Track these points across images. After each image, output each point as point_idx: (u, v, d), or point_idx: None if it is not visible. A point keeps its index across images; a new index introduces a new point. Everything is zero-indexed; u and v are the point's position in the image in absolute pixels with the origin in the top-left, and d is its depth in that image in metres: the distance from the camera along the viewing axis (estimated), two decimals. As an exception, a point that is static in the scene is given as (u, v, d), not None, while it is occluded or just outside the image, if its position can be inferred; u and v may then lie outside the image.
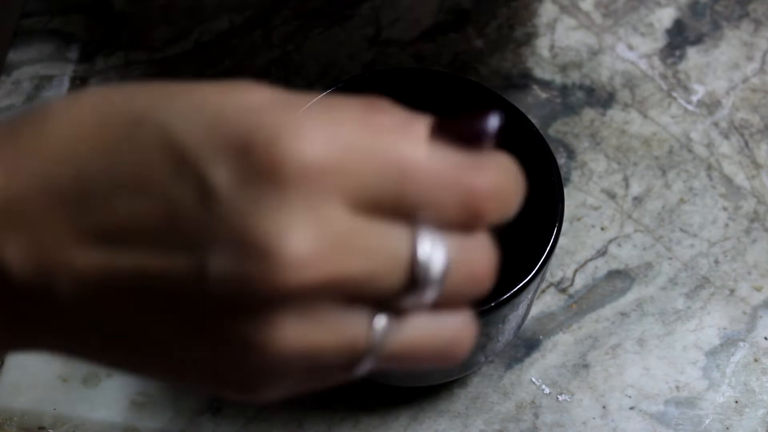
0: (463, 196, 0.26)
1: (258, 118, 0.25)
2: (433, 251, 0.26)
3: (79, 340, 0.27)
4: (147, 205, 0.25)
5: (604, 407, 0.52)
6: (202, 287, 0.24)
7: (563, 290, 0.55)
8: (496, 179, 0.27)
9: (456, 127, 0.27)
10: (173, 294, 0.25)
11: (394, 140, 0.26)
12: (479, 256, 0.27)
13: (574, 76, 0.63)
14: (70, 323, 0.27)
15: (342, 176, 0.25)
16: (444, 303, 0.27)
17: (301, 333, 0.25)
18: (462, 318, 0.28)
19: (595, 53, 0.64)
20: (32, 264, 0.26)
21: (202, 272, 0.24)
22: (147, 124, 0.25)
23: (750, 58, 0.64)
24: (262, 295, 0.24)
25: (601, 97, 0.62)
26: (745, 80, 0.63)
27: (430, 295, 0.26)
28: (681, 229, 0.57)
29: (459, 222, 0.26)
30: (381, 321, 0.26)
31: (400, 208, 0.26)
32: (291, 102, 0.26)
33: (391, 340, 0.26)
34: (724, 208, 0.58)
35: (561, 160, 0.59)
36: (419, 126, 0.27)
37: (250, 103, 0.26)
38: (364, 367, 0.27)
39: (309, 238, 0.24)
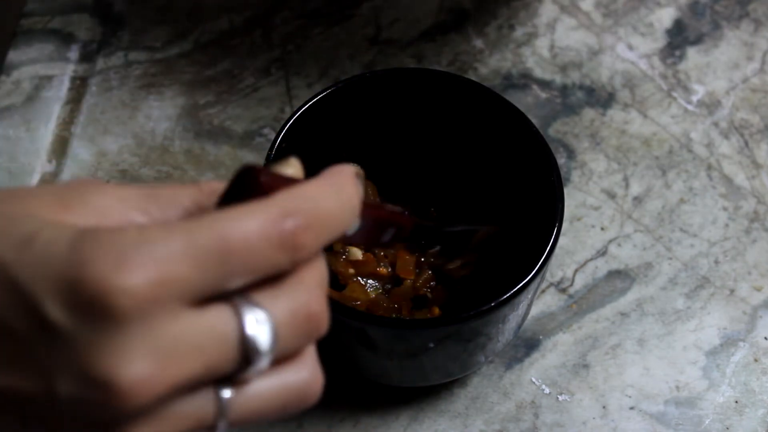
0: (277, 242, 0.28)
1: (86, 254, 0.26)
2: (259, 327, 0.28)
3: None
4: None
5: (604, 407, 0.52)
6: (54, 405, 0.27)
7: (563, 290, 0.55)
8: (302, 210, 0.28)
9: (235, 192, 0.29)
10: (27, 406, 0.27)
11: (203, 228, 0.27)
12: (307, 300, 0.29)
13: (574, 76, 0.63)
14: None
15: (167, 290, 0.26)
16: (284, 358, 0.29)
17: (153, 430, 0.27)
18: (305, 365, 0.30)
19: (595, 53, 0.64)
20: None
21: (51, 394, 0.27)
22: None
23: (750, 58, 0.64)
24: (108, 417, 0.27)
25: (601, 97, 0.62)
26: (745, 80, 0.63)
27: (265, 362, 0.28)
28: (681, 229, 0.57)
29: (286, 264, 0.28)
30: (224, 394, 0.28)
31: (228, 286, 0.27)
32: (109, 211, 0.29)
33: (238, 407, 0.29)
34: (724, 208, 0.58)
35: (561, 160, 0.59)
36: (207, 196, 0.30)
37: (69, 228, 0.27)
38: (221, 427, 0.29)
39: (141, 362, 0.26)
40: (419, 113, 0.52)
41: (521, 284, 0.44)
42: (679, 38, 0.65)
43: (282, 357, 0.29)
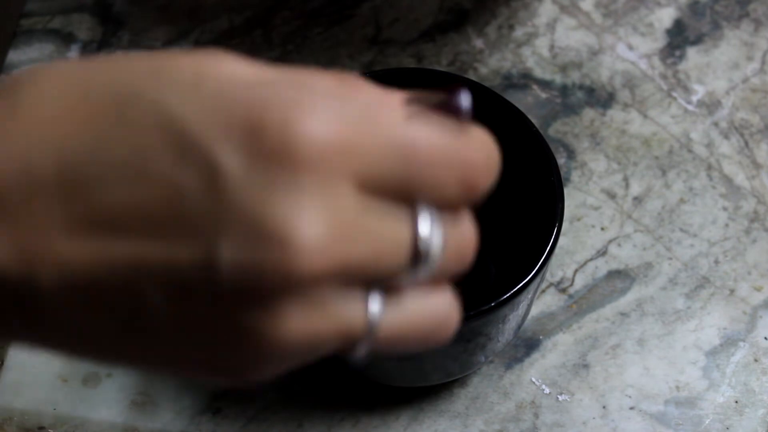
0: (462, 172, 0.26)
1: (266, 95, 0.24)
2: (433, 231, 0.26)
3: (69, 336, 0.26)
4: (146, 192, 0.23)
5: (604, 407, 0.52)
6: (210, 277, 0.23)
7: (563, 290, 0.55)
8: (486, 151, 0.27)
9: (436, 101, 0.27)
10: (176, 284, 0.24)
11: (396, 119, 0.26)
12: (465, 233, 0.27)
13: (574, 76, 0.63)
14: (58, 319, 0.25)
15: (352, 157, 0.24)
16: (432, 281, 0.27)
17: (304, 322, 0.24)
18: (447, 295, 0.28)
19: (595, 53, 0.64)
20: (14, 258, 0.24)
21: (210, 261, 0.23)
22: (140, 102, 0.24)
23: (750, 58, 0.64)
24: (273, 283, 0.23)
25: (601, 97, 0.62)
26: (745, 80, 0.63)
27: (426, 273, 0.26)
28: (681, 229, 0.57)
29: (455, 197, 0.26)
30: (377, 304, 0.26)
31: (405, 188, 0.25)
32: (288, 76, 0.26)
33: (385, 322, 0.26)
34: (724, 208, 0.58)
35: (561, 160, 0.59)
36: (401, 101, 0.27)
37: (248, 77, 0.25)
38: (360, 351, 0.26)
39: (321, 224, 0.23)
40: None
41: (521, 284, 0.44)
42: (679, 38, 0.65)
43: (433, 279, 0.27)
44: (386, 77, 0.51)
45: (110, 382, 0.52)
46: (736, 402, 0.52)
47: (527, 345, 0.53)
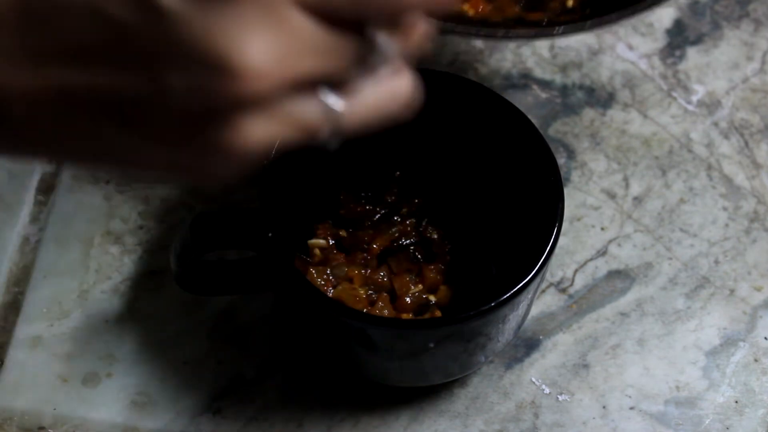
0: None
1: None
2: (387, 42, 0.28)
3: (45, 146, 0.29)
4: (92, 26, 0.26)
5: (604, 407, 0.52)
6: (163, 101, 0.26)
7: (563, 290, 0.55)
8: None
9: None
10: (131, 108, 0.26)
11: None
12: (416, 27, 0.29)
13: (574, 76, 0.63)
14: (29, 137, 0.28)
15: None
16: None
17: (263, 129, 0.27)
18: (404, 74, 0.30)
19: (595, 53, 0.64)
20: None
21: (160, 88, 0.25)
22: None
23: (750, 58, 0.64)
24: (223, 104, 0.26)
25: (601, 97, 0.62)
26: (745, 80, 0.63)
27: (377, 69, 0.29)
28: (681, 229, 0.57)
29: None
30: (331, 97, 0.28)
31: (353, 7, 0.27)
32: None
33: (344, 114, 0.28)
34: (724, 208, 0.58)
35: (561, 160, 0.59)
36: None
37: None
38: (324, 136, 0.28)
39: (266, 45, 0.25)
40: (419, 113, 0.52)
41: (521, 284, 0.44)
42: (679, 38, 0.65)
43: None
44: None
45: (110, 382, 0.52)
46: (736, 402, 0.52)
47: (527, 345, 0.53)
